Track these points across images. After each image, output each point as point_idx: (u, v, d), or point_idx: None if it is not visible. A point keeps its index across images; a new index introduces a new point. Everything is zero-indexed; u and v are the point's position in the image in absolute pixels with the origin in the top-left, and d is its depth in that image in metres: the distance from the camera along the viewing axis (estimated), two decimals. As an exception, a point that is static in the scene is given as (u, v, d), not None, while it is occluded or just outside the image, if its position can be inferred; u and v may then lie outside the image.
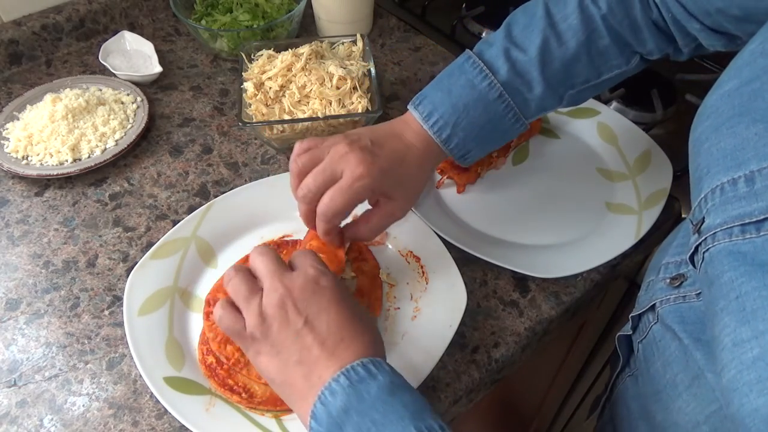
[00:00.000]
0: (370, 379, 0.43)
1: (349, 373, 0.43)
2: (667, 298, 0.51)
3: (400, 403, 0.42)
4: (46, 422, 0.56)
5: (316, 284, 0.47)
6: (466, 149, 0.59)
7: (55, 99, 0.80)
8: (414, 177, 0.58)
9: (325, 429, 0.41)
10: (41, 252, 0.70)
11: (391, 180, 0.55)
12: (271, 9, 0.95)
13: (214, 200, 0.69)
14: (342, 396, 0.42)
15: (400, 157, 0.56)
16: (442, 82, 0.59)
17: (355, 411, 0.41)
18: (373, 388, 0.42)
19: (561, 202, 0.74)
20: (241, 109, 0.77)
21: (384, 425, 0.40)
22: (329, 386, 0.42)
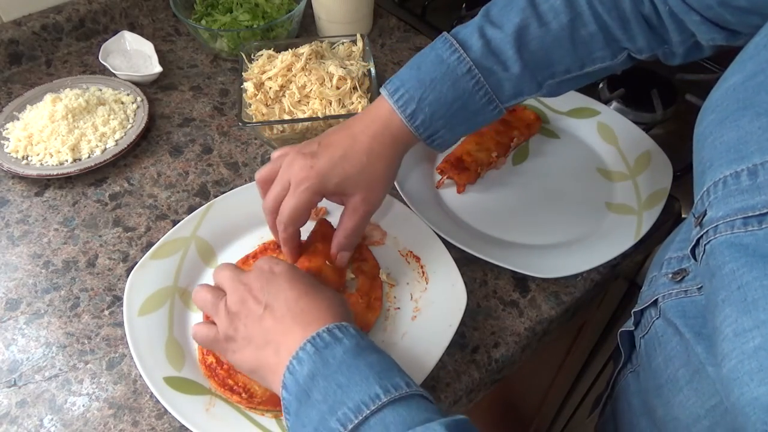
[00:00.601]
0: (335, 343, 0.44)
1: (315, 340, 0.44)
2: (669, 292, 0.50)
3: (364, 363, 0.43)
4: (46, 422, 0.56)
5: (270, 273, 0.50)
6: (434, 129, 0.57)
7: (55, 99, 0.80)
8: (365, 167, 0.56)
9: (294, 397, 0.42)
10: (41, 252, 0.70)
11: (335, 178, 0.55)
12: (271, 9, 0.95)
13: (214, 200, 0.69)
14: (308, 363, 0.43)
15: (341, 154, 0.55)
16: (413, 60, 0.58)
17: (321, 376, 0.42)
18: (338, 351, 0.43)
19: (561, 202, 0.74)
20: (241, 109, 0.77)
21: (349, 387, 0.41)
22: (296, 355, 0.44)
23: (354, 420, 0.39)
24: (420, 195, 0.71)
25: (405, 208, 0.68)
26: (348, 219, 0.58)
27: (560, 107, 0.83)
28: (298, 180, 0.55)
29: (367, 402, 0.40)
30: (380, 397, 0.40)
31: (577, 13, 0.54)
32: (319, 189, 0.55)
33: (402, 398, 0.41)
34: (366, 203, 0.57)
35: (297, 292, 0.48)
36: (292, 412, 0.43)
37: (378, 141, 0.56)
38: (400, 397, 0.41)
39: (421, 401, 0.42)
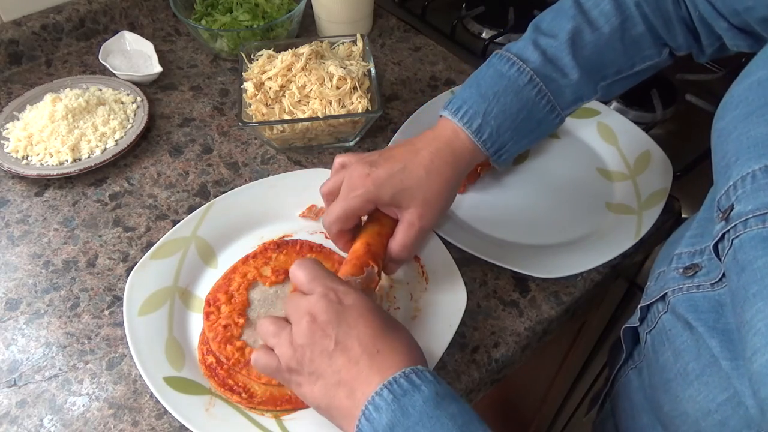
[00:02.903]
0: (414, 391, 0.41)
1: (392, 386, 0.42)
2: (680, 287, 0.50)
3: (446, 416, 0.41)
4: (46, 422, 0.56)
5: (339, 304, 0.46)
6: (501, 142, 0.57)
7: (55, 99, 0.80)
8: (423, 181, 0.55)
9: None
10: (41, 252, 0.70)
11: (391, 188, 0.54)
12: (271, 9, 0.95)
13: (214, 200, 0.69)
14: (387, 412, 0.41)
15: (401, 166, 0.55)
16: (470, 80, 0.58)
17: (401, 427, 0.40)
18: (418, 401, 0.41)
19: (561, 202, 0.74)
20: (241, 109, 0.77)
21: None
22: (373, 401, 0.42)
23: None
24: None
25: (405, 208, 0.68)
26: (402, 234, 0.56)
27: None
28: (352, 185, 0.54)
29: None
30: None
31: (627, 16, 0.56)
32: (373, 197, 0.54)
33: None
34: (421, 219, 0.55)
35: (372, 330, 0.45)
36: None
37: (439, 157, 0.56)
38: None
39: None
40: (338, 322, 0.45)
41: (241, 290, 0.63)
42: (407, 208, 0.55)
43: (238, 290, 0.63)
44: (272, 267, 0.65)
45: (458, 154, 0.57)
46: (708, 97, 0.87)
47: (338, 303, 0.46)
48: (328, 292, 0.47)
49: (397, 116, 0.85)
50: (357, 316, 0.46)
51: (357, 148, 0.81)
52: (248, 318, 0.61)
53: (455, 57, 0.95)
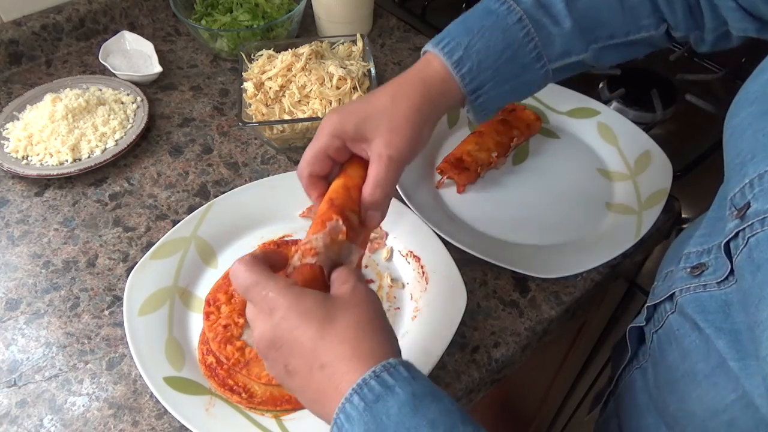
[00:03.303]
0: (388, 394, 0.37)
1: (362, 390, 0.37)
2: (687, 287, 0.49)
3: (426, 423, 0.36)
4: (46, 422, 0.56)
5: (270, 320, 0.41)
6: (480, 80, 0.53)
7: (55, 99, 0.80)
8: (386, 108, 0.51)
9: None
10: (41, 252, 0.70)
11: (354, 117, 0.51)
12: (271, 9, 0.95)
13: (214, 200, 0.69)
14: (359, 423, 0.37)
15: (366, 98, 0.52)
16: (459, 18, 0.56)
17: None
18: (393, 407, 0.37)
19: (561, 202, 0.74)
20: (241, 109, 0.77)
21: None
22: (344, 409, 0.37)
23: None
24: (420, 195, 0.71)
25: (405, 208, 0.68)
26: (372, 168, 0.51)
27: (560, 107, 0.83)
28: (320, 126, 0.51)
29: None
30: None
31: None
32: (338, 131, 0.50)
33: None
34: (388, 147, 0.50)
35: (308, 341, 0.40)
36: None
37: (407, 84, 0.53)
38: None
39: None
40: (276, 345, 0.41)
41: (241, 290, 0.63)
42: (373, 138, 0.51)
43: (238, 290, 0.63)
44: (272, 267, 0.65)
45: (428, 81, 0.53)
46: (708, 97, 0.87)
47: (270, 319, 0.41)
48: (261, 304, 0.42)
49: (397, 116, 0.85)
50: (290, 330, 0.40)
51: (357, 148, 0.81)
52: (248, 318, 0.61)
53: (455, 57, 0.95)
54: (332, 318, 0.40)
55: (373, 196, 0.50)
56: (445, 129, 0.80)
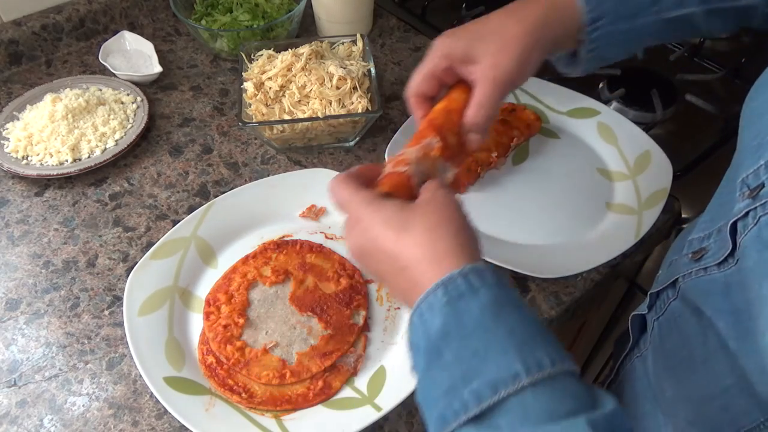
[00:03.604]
0: (471, 295, 0.38)
1: (447, 286, 0.38)
2: (689, 272, 0.49)
3: (504, 330, 0.37)
4: (46, 422, 0.56)
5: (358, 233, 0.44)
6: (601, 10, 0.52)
7: (55, 99, 0.80)
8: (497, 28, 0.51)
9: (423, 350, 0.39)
10: (41, 252, 0.70)
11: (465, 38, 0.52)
12: (271, 9, 0.95)
13: (214, 200, 0.69)
14: (440, 315, 0.38)
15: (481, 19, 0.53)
16: None
17: (454, 336, 0.37)
18: (474, 308, 0.37)
19: (561, 202, 0.74)
20: (241, 109, 0.77)
21: (486, 357, 0.36)
22: (426, 299, 0.39)
23: (489, 399, 0.35)
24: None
25: (405, 208, 0.68)
26: (477, 89, 0.51)
27: (560, 107, 0.83)
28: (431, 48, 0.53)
29: (506, 380, 0.35)
30: (521, 376, 0.35)
31: None
32: (447, 51, 0.51)
33: (545, 379, 0.35)
34: (494, 68, 0.50)
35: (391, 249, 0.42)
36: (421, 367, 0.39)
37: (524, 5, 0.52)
38: (543, 379, 0.35)
39: (566, 382, 0.36)
40: (364, 254, 0.44)
41: (241, 290, 0.63)
42: (480, 60, 0.51)
43: (238, 290, 0.63)
44: (272, 267, 0.65)
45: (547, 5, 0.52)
46: (708, 97, 0.87)
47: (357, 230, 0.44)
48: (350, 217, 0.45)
49: (397, 116, 0.85)
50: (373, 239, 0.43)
51: (357, 149, 0.81)
52: (248, 318, 0.61)
53: (455, 57, 0.95)
54: (408, 224, 0.42)
55: (475, 117, 0.51)
56: (445, 129, 0.80)
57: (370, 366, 0.59)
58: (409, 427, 0.57)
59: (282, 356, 0.58)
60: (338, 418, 0.55)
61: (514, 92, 0.84)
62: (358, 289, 0.64)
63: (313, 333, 0.60)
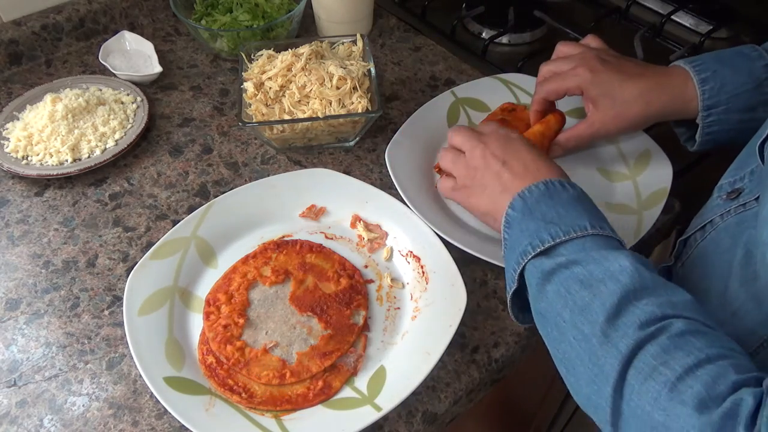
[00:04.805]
0: (563, 190, 0.53)
1: (548, 183, 0.53)
2: (727, 210, 0.55)
3: (583, 207, 0.52)
4: (46, 422, 0.56)
5: (507, 137, 0.60)
6: (717, 100, 0.62)
7: (55, 99, 0.80)
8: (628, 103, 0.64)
9: (519, 212, 0.53)
10: (41, 252, 0.70)
11: (602, 90, 0.65)
12: (271, 9, 0.95)
13: (214, 200, 0.69)
14: (537, 193, 0.53)
15: (621, 79, 0.64)
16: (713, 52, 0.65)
17: (545, 203, 0.52)
18: (564, 195, 0.53)
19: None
20: (241, 109, 0.77)
21: (565, 216, 0.50)
22: (529, 187, 0.53)
23: (561, 237, 0.49)
24: (420, 195, 0.71)
25: (405, 208, 0.68)
26: (580, 127, 0.69)
27: (560, 107, 0.83)
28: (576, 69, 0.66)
29: (576, 228, 0.49)
30: (587, 228, 0.49)
31: None
32: (583, 87, 0.66)
33: (603, 236, 0.49)
34: (603, 124, 0.67)
35: (533, 155, 0.57)
36: (514, 223, 0.53)
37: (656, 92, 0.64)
38: (602, 235, 0.49)
39: (616, 243, 0.50)
40: (505, 148, 0.58)
41: (241, 290, 0.63)
42: (599, 110, 0.66)
43: (238, 290, 0.63)
44: (272, 267, 0.65)
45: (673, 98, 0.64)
46: (708, 97, 0.87)
47: (506, 136, 0.60)
48: (498, 129, 0.61)
49: (397, 116, 0.85)
50: (520, 145, 0.58)
51: (357, 149, 0.81)
52: (248, 318, 0.61)
53: (455, 57, 0.95)
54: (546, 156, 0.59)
55: (567, 143, 0.71)
56: (444, 129, 0.80)
57: (370, 366, 0.59)
58: (409, 427, 0.57)
59: (282, 356, 0.58)
60: (338, 418, 0.55)
61: (513, 92, 0.84)
62: (358, 289, 0.64)
63: (313, 333, 0.60)
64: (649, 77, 0.64)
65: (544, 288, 0.49)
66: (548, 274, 0.49)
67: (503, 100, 0.82)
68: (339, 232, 0.70)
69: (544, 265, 0.49)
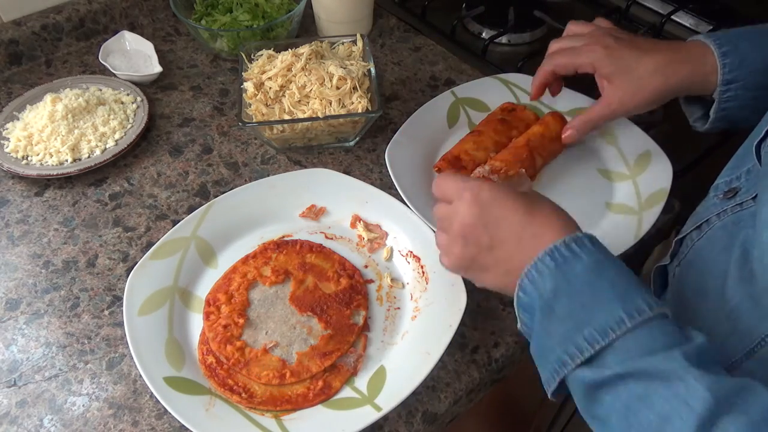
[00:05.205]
0: (574, 259, 0.44)
1: (553, 253, 0.45)
2: (724, 210, 0.54)
3: (607, 283, 0.43)
4: (46, 422, 0.56)
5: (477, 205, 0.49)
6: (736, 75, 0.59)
7: (55, 99, 0.80)
8: (644, 77, 0.61)
9: (538, 308, 0.45)
10: (41, 252, 0.70)
11: (614, 66, 0.62)
12: (271, 9, 0.95)
13: (214, 200, 0.69)
14: (549, 277, 0.44)
15: (637, 55, 0.61)
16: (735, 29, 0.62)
17: (564, 294, 0.43)
18: (578, 268, 0.44)
19: (561, 202, 0.73)
20: (241, 109, 0.77)
21: (593, 308, 0.42)
22: (535, 266, 0.45)
23: (600, 342, 0.41)
24: (420, 195, 0.71)
25: (405, 208, 0.68)
26: (597, 107, 0.65)
27: (560, 107, 0.83)
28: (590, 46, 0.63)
29: (613, 326, 0.41)
30: (625, 322, 0.41)
31: None
32: (596, 64, 0.63)
33: (644, 322, 0.41)
34: (621, 104, 0.63)
35: (518, 216, 0.48)
36: (537, 319, 0.45)
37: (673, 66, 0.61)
38: (643, 321, 0.41)
39: (662, 323, 0.42)
40: (485, 222, 0.49)
41: (241, 290, 0.63)
42: (615, 88, 0.63)
43: (238, 290, 0.63)
44: (272, 267, 0.65)
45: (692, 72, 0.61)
46: (708, 97, 0.87)
47: (477, 204, 0.49)
48: (463, 194, 0.50)
49: (397, 116, 0.85)
50: (499, 208, 0.49)
51: (357, 149, 0.81)
52: (248, 318, 0.61)
53: (455, 57, 0.95)
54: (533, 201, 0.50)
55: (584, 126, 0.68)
56: (444, 129, 0.80)
57: (370, 366, 0.59)
58: (409, 427, 0.57)
59: (282, 356, 0.58)
60: (338, 418, 0.55)
61: (513, 92, 0.84)
62: (358, 289, 0.64)
63: (313, 333, 0.60)
64: (666, 51, 0.62)
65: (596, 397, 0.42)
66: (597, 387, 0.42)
67: (503, 100, 0.82)
68: (339, 232, 0.70)
69: (589, 378, 0.42)
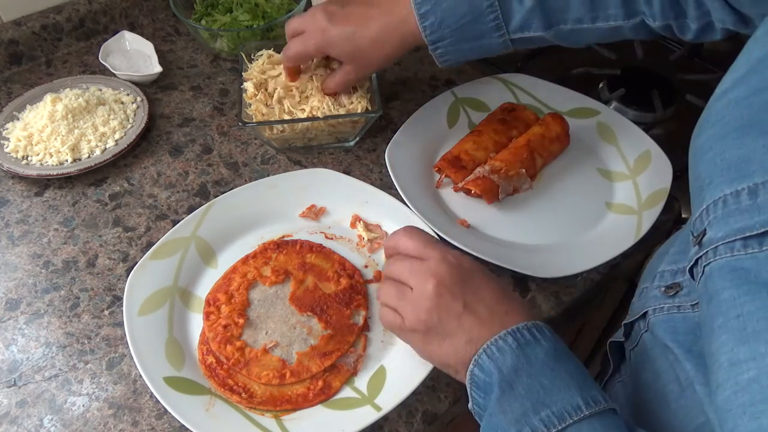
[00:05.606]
0: (536, 343, 0.45)
1: (516, 334, 0.45)
2: (661, 306, 0.50)
3: (565, 371, 0.44)
4: (46, 422, 0.56)
5: (460, 267, 0.49)
6: (439, 35, 0.63)
7: (55, 99, 0.80)
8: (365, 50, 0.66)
9: (496, 384, 0.44)
10: (41, 252, 0.70)
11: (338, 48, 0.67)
12: (271, 9, 0.95)
13: (214, 200, 0.69)
14: (511, 355, 0.44)
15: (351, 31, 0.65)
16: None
17: (525, 372, 0.44)
18: (540, 352, 0.45)
19: (561, 202, 0.74)
20: (241, 109, 0.77)
21: (552, 391, 0.43)
22: (496, 343, 0.45)
23: (556, 426, 0.41)
24: (420, 195, 0.71)
25: (405, 208, 0.68)
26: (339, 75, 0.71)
27: (560, 107, 0.83)
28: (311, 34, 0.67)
29: (570, 412, 0.42)
30: (581, 409, 0.42)
31: None
32: (324, 49, 0.68)
33: (598, 413, 0.42)
34: (356, 72, 0.70)
35: (497, 293, 0.49)
36: (493, 397, 0.44)
37: (388, 34, 0.65)
38: (597, 412, 0.42)
39: (612, 417, 0.43)
40: (464, 285, 0.48)
41: (241, 290, 0.63)
42: (348, 63, 0.69)
43: (238, 290, 0.63)
44: (272, 267, 0.65)
45: (405, 36, 0.65)
46: (708, 97, 0.87)
47: (459, 266, 0.49)
48: (446, 255, 0.50)
49: (397, 116, 0.85)
50: (480, 279, 0.49)
51: (357, 149, 0.81)
52: (248, 318, 0.61)
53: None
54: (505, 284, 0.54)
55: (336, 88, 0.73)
56: (444, 129, 0.80)
57: (370, 366, 0.59)
58: (409, 427, 0.57)
59: (282, 356, 0.58)
60: (338, 418, 0.55)
61: (513, 92, 0.84)
62: (358, 289, 0.64)
63: (313, 333, 0.60)
64: (378, 19, 0.65)
65: None
66: None
67: (503, 100, 0.82)
68: (339, 232, 0.70)
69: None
